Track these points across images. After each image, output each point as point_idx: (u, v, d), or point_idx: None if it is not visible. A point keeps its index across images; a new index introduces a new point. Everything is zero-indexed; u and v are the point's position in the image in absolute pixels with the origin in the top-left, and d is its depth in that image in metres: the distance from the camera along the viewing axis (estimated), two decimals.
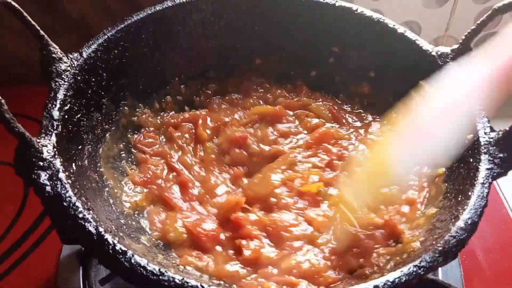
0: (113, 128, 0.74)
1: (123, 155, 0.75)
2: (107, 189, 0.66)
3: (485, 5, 1.09)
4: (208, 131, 0.80)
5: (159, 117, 0.81)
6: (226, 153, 0.77)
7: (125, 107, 0.76)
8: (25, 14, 0.61)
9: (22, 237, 0.81)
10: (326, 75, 0.88)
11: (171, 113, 0.83)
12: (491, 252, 0.83)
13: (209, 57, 0.86)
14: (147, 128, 0.79)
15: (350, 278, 0.61)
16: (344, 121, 0.83)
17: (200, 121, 0.80)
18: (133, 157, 0.76)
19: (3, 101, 0.49)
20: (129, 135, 0.77)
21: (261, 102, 0.85)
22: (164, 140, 0.79)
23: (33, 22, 0.62)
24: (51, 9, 0.98)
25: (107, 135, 0.72)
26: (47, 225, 0.82)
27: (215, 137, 0.80)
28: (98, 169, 0.67)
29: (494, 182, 0.90)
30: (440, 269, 0.76)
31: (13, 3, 0.60)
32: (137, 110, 0.79)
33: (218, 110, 0.84)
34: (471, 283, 0.78)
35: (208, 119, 0.81)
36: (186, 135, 0.79)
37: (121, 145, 0.75)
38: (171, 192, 0.72)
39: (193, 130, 0.80)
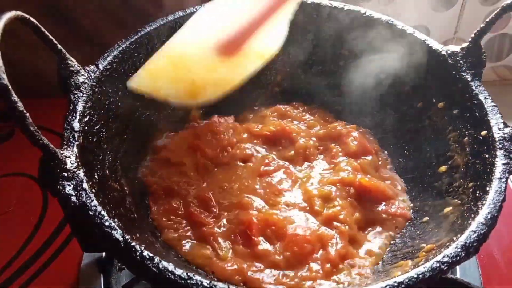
0: (131, 137, 0.74)
1: (143, 164, 0.76)
2: (129, 198, 0.67)
3: (493, 7, 1.08)
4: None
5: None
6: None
7: (143, 117, 0.77)
8: (43, 29, 0.62)
9: (43, 246, 0.82)
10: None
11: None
12: (508, 250, 0.83)
13: None
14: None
15: None
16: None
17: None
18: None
19: (27, 114, 0.49)
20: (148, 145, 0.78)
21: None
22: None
23: (50, 37, 0.63)
24: (65, 23, 0.99)
25: (125, 144, 0.73)
26: (67, 234, 0.83)
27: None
28: (118, 178, 0.68)
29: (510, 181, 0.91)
30: (458, 268, 0.77)
31: (31, 19, 0.61)
32: (152, 119, 0.80)
33: (219, 126, 0.82)
34: (489, 281, 0.78)
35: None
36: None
37: (141, 155, 0.76)
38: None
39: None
